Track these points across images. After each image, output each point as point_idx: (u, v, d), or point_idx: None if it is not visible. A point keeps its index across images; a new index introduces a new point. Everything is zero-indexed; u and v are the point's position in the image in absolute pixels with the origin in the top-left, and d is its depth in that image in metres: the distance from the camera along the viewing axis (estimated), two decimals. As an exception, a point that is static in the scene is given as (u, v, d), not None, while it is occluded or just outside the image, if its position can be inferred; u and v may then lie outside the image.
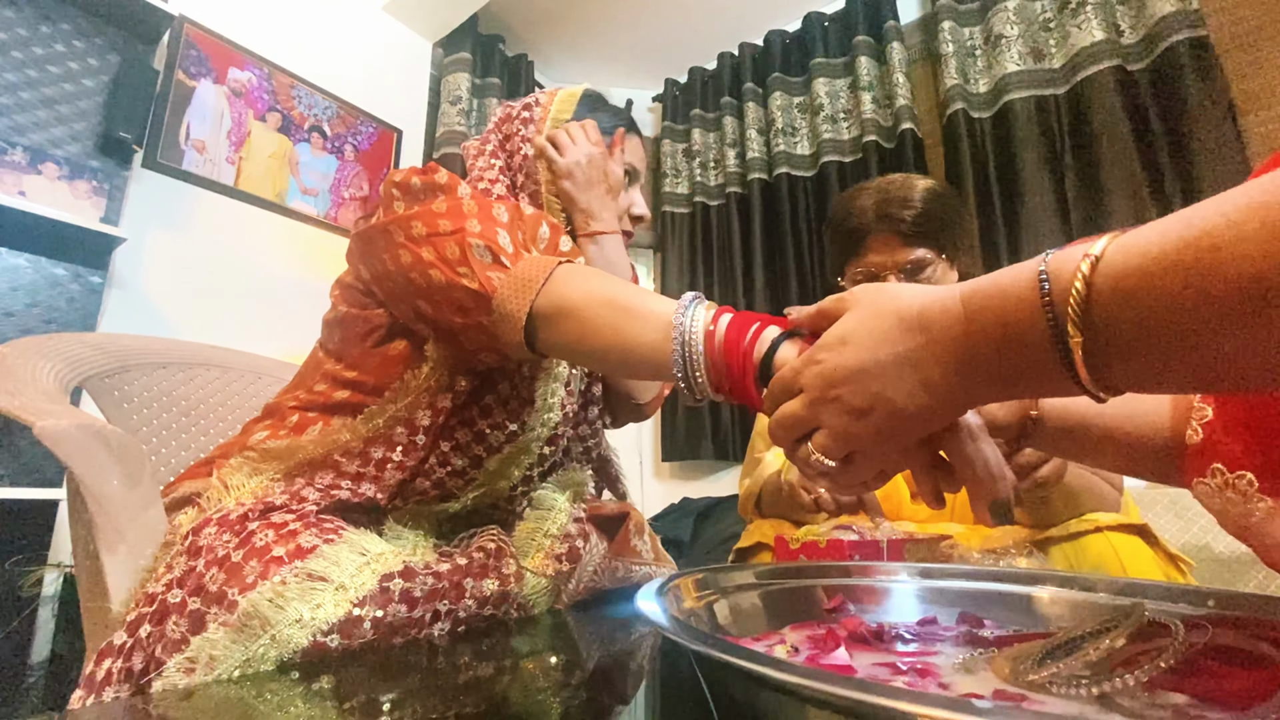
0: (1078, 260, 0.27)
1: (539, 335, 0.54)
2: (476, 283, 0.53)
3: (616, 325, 0.49)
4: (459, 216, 0.57)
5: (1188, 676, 0.30)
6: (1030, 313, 0.29)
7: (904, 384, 0.34)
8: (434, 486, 0.64)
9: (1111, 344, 0.27)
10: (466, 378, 0.62)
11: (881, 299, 0.36)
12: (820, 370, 0.36)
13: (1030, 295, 0.29)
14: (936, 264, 0.95)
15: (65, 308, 1.59)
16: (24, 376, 0.63)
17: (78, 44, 1.68)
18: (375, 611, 0.48)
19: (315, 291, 2.04)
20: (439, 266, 0.55)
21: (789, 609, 0.48)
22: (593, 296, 0.51)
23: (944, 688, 0.33)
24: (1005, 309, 0.30)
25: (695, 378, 0.45)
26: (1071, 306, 0.27)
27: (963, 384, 0.32)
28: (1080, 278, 0.27)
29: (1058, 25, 2.00)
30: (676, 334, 0.46)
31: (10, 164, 1.52)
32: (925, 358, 0.33)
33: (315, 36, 2.26)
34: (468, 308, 0.54)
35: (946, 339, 0.32)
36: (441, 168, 0.63)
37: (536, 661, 0.49)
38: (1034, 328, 0.29)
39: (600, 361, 0.58)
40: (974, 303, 0.31)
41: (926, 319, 0.33)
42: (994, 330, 0.30)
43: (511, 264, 0.54)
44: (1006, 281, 0.30)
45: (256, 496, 0.56)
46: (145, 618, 0.48)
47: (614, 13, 2.72)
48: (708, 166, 2.81)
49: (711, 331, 0.45)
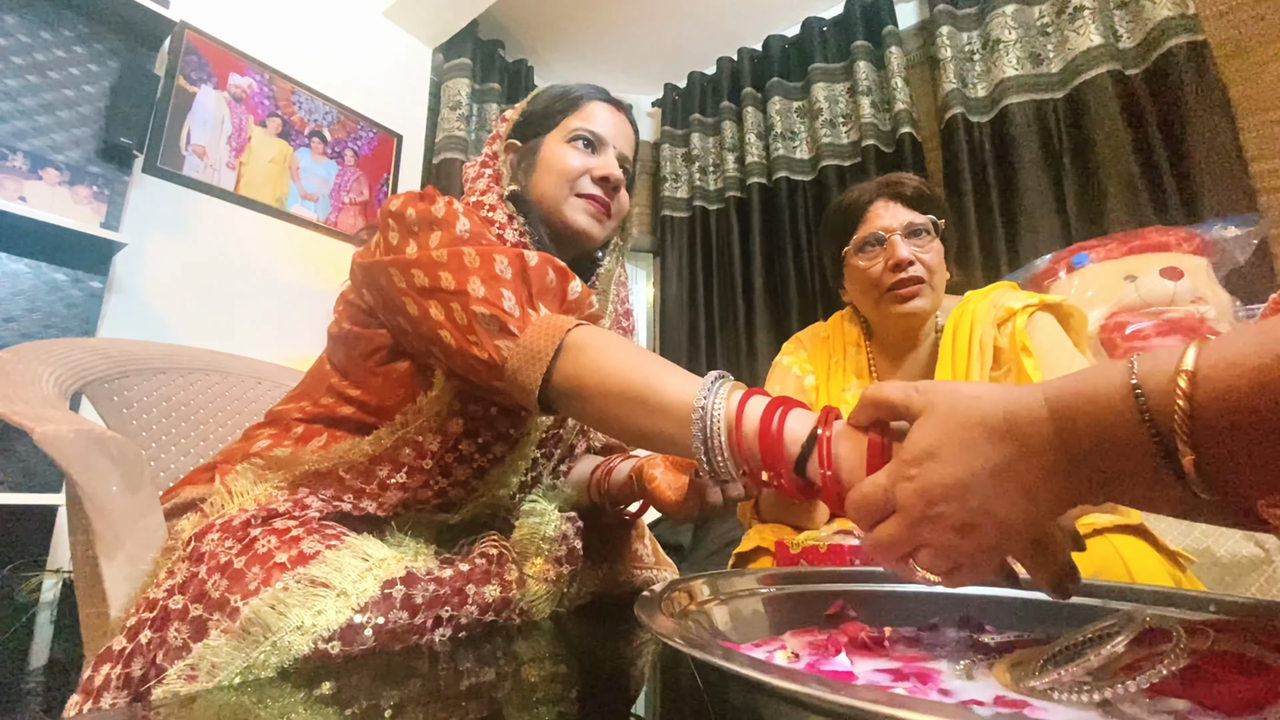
0: (1170, 374, 0.27)
1: (557, 406, 0.54)
2: (486, 353, 0.53)
3: (634, 419, 0.48)
4: (461, 271, 0.55)
5: (1189, 682, 0.30)
6: (1129, 426, 0.29)
7: (1005, 495, 0.33)
8: (436, 496, 0.64)
9: (1220, 457, 0.27)
10: (477, 403, 0.62)
11: (960, 405, 0.35)
12: (916, 488, 0.35)
13: (1125, 407, 0.29)
14: (934, 233, 0.99)
15: (65, 313, 1.59)
16: (24, 382, 0.63)
17: (79, 50, 1.69)
18: (377, 618, 0.48)
19: (315, 296, 2.06)
20: (448, 329, 0.54)
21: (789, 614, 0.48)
22: (606, 383, 0.50)
23: (945, 694, 0.33)
24: (1099, 417, 0.30)
25: (719, 464, 0.44)
26: (1178, 425, 0.27)
27: (1066, 485, 0.32)
28: (1182, 395, 0.27)
29: (1055, 30, 2.01)
30: (696, 425, 0.44)
31: (11, 169, 1.52)
32: (1021, 467, 0.32)
33: (316, 42, 2.26)
34: (481, 374, 0.54)
35: (1040, 445, 0.32)
36: (439, 196, 0.63)
37: (538, 668, 0.49)
38: (1136, 441, 0.29)
39: (624, 441, 0.57)
40: (1061, 407, 0.31)
41: (1014, 425, 0.32)
42: (1087, 437, 0.30)
43: (520, 330, 0.53)
44: (1094, 388, 0.30)
45: (259, 503, 0.56)
46: (146, 623, 0.47)
47: (613, 18, 2.73)
48: (707, 171, 2.82)
49: (738, 421, 0.43)
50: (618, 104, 0.79)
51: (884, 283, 0.97)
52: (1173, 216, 1.70)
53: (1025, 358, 0.90)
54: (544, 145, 0.74)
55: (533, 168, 0.74)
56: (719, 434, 0.43)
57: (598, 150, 0.75)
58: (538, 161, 0.74)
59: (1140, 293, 1.42)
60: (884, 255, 0.97)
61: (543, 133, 0.75)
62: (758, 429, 0.43)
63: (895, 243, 0.96)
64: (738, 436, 0.43)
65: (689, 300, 2.73)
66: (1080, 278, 1.52)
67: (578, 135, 0.74)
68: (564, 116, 0.75)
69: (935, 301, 0.99)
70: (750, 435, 0.43)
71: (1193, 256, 1.45)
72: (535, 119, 0.76)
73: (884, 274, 0.97)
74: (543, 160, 0.73)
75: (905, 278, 0.96)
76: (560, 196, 0.72)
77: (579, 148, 0.74)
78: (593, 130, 0.74)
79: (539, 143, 0.75)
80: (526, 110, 0.77)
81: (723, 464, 0.44)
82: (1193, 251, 1.46)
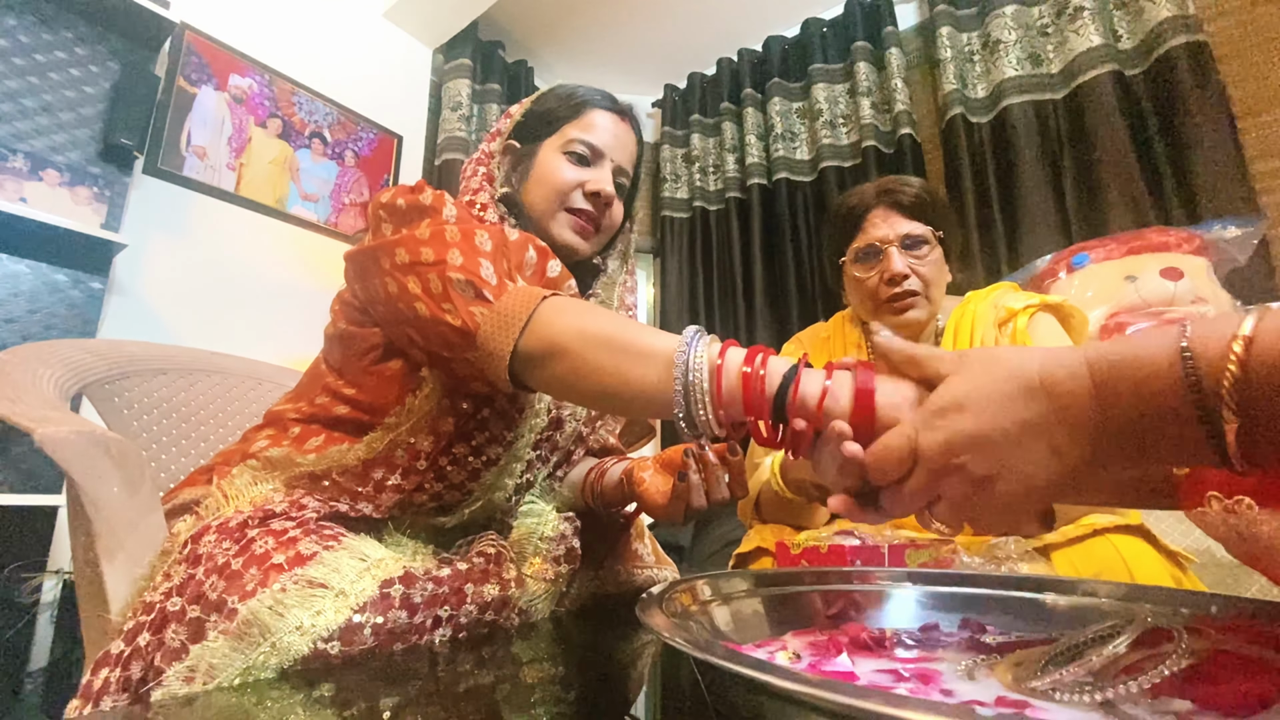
0: (1225, 340, 0.27)
1: (527, 374, 0.52)
2: (460, 319, 0.52)
3: (616, 365, 0.47)
4: (441, 245, 0.55)
5: (1191, 683, 0.30)
6: (1173, 389, 0.28)
7: (1031, 452, 0.32)
8: (431, 499, 0.64)
9: (1264, 426, 0.26)
10: (467, 401, 0.61)
11: (995, 362, 0.34)
12: (940, 439, 0.34)
13: (1171, 371, 0.28)
14: (933, 243, 0.97)
15: (66, 314, 1.59)
16: (24, 383, 0.63)
17: (79, 51, 1.69)
18: (375, 618, 0.48)
19: (315, 297, 2.05)
20: (423, 299, 0.54)
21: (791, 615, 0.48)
22: (586, 334, 0.49)
23: (946, 694, 0.33)
24: (1141, 381, 0.29)
25: (698, 415, 0.43)
26: (1226, 390, 0.26)
27: (1094, 450, 0.31)
28: (1234, 360, 0.26)
29: (1055, 30, 2.01)
30: (679, 370, 0.44)
31: (11, 170, 1.52)
32: (1052, 424, 0.32)
33: (316, 43, 2.26)
34: (453, 343, 0.54)
35: (1075, 406, 0.31)
36: (429, 186, 0.63)
37: (537, 668, 0.49)
38: (1178, 405, 0.28)
39: (594, 402, 0.55)
40: (1103, 369, 0.30)
41: (1050, 384, 0.32)
42: (1129, 401, 0.29)
43: (495, 297, 0.53)
44: (1141, 351, 0.29)
45: (256, 504, 0.56)
46: (144, 626, 0.47)
47: (614, 19, 2.73)
48: (707, 172, 2.82)
49: (719, 366, 0.43)
50: (621, 111, 0.77)
51: (880, 295, 0.97)
52: (1173, 217, 1.70)
53: (1026, 358, 0.90)
54: (540, 152, 0.73)
55: (526, 174, 0.73)
56: (701, 380, 0.43)
57: (594, 163, 0.73)
58: (531, 168, 0.73)
59: (1140, 293, 1.42)
60: (880, 267, 0.97)
61: (541, 138, 0.74)
62: (740, 366, 0.43)
63: (891, 255, 0.96)
64: (719, 381, 0.43)
65: (689, 301, 2.73)
66: (1080, 278, 1.52)
67: (574, 146, 0.72)
68: (564, 123, 0.74)
69: (932, 310, 0.99)
70: (732, 375, 0.43)
71: (1193, 257, 1.45)
72: (536, 122, 0.75)
73: (879, 286, 0.97)
74: (537, 169, 0.73)
75: (900, 291, 0.95)
76: (549, 210, 0.71)
77: (573, 160, 0.72)
78: (590, 142, 0.73)
79: (536, 148, 0.74)
80: (529, 110, 0.76)
81: (702, 414, 0.43)
82: (1193, 252, 1.46)
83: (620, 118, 0.76)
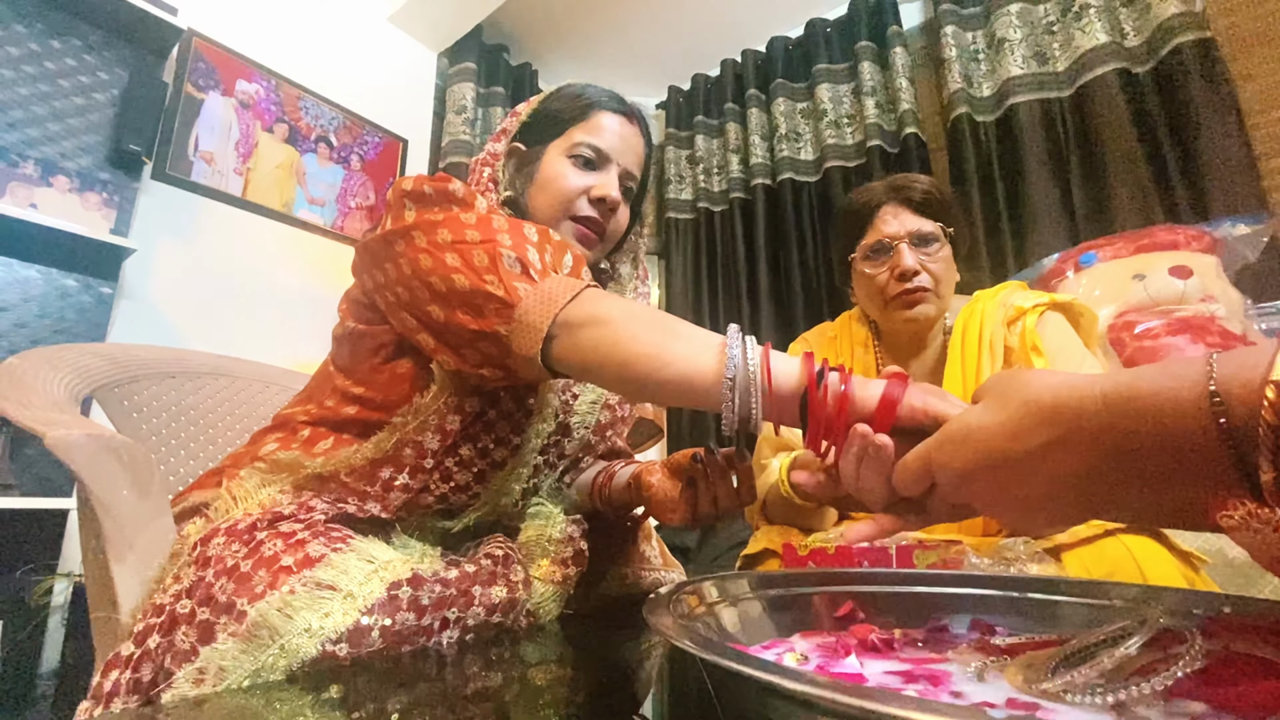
0: (1256, 384, 0.25)
1: (559, 345, 0.52)
2: (502, 289, 0.53)
3: (657, 341, 0.49)
4: (489, 229, 0.56)
5: (1205, 685, 0.29)
6: (1202, 431, 0.27)
7: (1038, 481, 0.33)
8: (438, 501, 0.64)
9: None
10: (474, 399, 0.61)
11: (1009, 388, 0.35)
12: (952, 469, 0.36)
13: (1198, 412, 0.27)
14: (943, 240, 0.97)
15: (76, 318, 1.60)
16: (35, 387, 0.64)
17: (88, 58, 1.71)
18: (383, 620, 0.48)
19: (322, 300, 2.07)
20: (464, 272, 0.54)
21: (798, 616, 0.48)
22: (633, 311, 0.51)
23: (957, 696, 0.33)
24: (1164, 418, 0.28)
25: (753, 409, 0.45)
26: (1263, 441, 0.25)
27: (1105, 484, 0.31)
28: (1270, 408, 0.25)
29: (1061, 28, 2.00)
30: (732, 361, 0.45)
31: (22, 177, 1.54)
32: (1060, 455, 0.32)
33: (322, 48, 2.28)
34: (486, 313, 0.53)
35: (1086, 438, 0.31)
36: (456, 179, 0.62)
37: (545, 671, 0.49)
38: (1206, 447, 0.27)
39: (624, 380, 0.51)
40: (1120, 402, 0.30)
41: (1060, 412, 0.32)
42: (1150, 437, 0.29)
43: (539, 279, 0.54)
44: (1162, 389, 0.29)
45: (264, 507, 0.57)
46: (153, 629, 0.48)
47: (617, 21, 2.74)
48: (711, 173, 2.82)
49: (766, 357, 0.45)
50: (629, 113, 0.75)
51: (889, 291, 0.97)
52: (1181, 215, 1.68)
53: (1036, 357, 0.89)
54: (545, 156, 0.72)
55: (531, 178, 0.72)
56: (756, 376, 0.44)
57: (600, 167, 0.72)
58: (536, 173, 0.72)
59: (1149, 291, 1.41)
60: (890, 264, 0.97)
61: (546, 140, 0.73)
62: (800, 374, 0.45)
63: (902, 251, 0.95)
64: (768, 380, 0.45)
65: (694, 302, 2.73)
66: (1088, 277, 1.51)
67: (580, 150, 0.71)
68: (570, 125, 0.72)
69: (941, 307, 0.99)
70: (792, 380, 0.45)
71: (1202, 255, 1.44)
72: (542, 123, 0.74)
73: (890, 282, 0.97)
74: (541, 173, 0.71)
75: (910, 287, 0.95)
76: (553, 217, 0.70)
77: (579, 165, 0.71)
78: (597, 146, 0.71)
79: (541, 151, 0.72)
80: (536, 111, 0.75)
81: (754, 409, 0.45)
82: (1202, 250, 1.45)
83: (628, 119, 0.75)
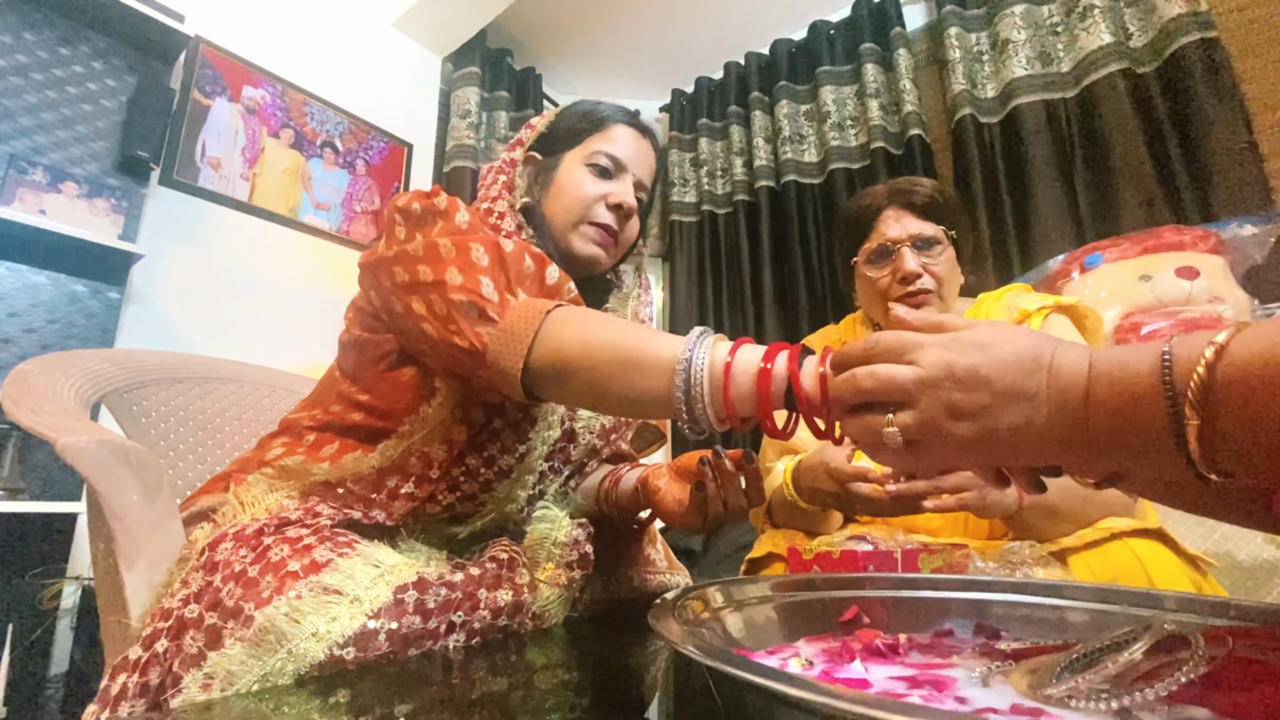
0: (1202, 346, 0.29)
1: (540, 388, 0.54)
2: (467, 341, 0.53)
3: (622, 378, 0.50)
4: (438, 263, 0.56)
5: (1210, 690, 0.29)
6: (1150, 389, 0.30)
7: (1011, 413, 0.34)
8: (444, 510, 0.65)
9: (1227, 431, 0.28)
10: (479, 409, 0.62)
11: (1018, 331, 0.37)
12: (946, 358, 0.36)
13: (1152, 372, 0.30)
14: (946, 243, 0.97)
15: (84, 323, 1.61)
16: (46, 393, 0.64)
17: (96, 65, 1.72)
18: (390, 624, 0.49)
19: (328, 305, 2.08)
20: (430, 321, 0.55)
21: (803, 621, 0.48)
22: (591, 348, 0.51)
23: (961, 701, 0.33)
24: (1125, 380, 0.31)
25: (697, 408, 0.47)
26: (1191, 390, 0.28)
27: (1062, 437, 0.34)
28: (1203, 363, 0.28)
29: (1065, 29, 1.99)
30: (681, 371, 0.47)
31: (31, 183, 1.55)
32: (1041, 398, 0.34)
33: (327, 53, 2.29)
34: (464, 364, 0.55)
35: (1067, 391, 0.33)
36: (443, 191, 0.63)
37: (550, 674, 0.49)
38: (1152, 404, 0.30)
39: (608, 410, 0.58)
40: (1099, 367, 0.33)
41: (1056, 365, 0.34)
42: (1111, 398, 0.32)
43: (499, 316, 0.54)
44: (1132, 356, 0.32)
45: (271, 512, 0.57)
46: (161, 633, 0.48)
47: (620, 25, 2.75)
48: (715, 175, 2.82)
49: (728, 364, 0.46)
50: (644, 129, 0.78)
51: (892, 294, 0.97)
52: (1187, 215, 1.67)
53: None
54: (563, 164, 0.74)
55: (548, 185, 0.73)
56: (703, 383, 0.46)
57: (615, 175, 0.74)
58: (554, 180, 0.73)
59: (1155, 293, 1.40)
60: (892, 267, 0.97)
61: (563, 150, 0.74)
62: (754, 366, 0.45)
63: (904, 255, 0.95)
64: (726, 381, 0.46)
65: (698, 305, 2.73)
66: (1094, 278, 1.50)
67: (597, 158, 0.73)
68: (587, 135, 0.74)
69: (944, 310, 0.99)
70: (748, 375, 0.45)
71: (1208, 255, 1.43)
72: (559, 134, 0.75)
73: (892, 285, 0.97)
74: (559, 180, 0.73)
75: (913, 290, 0.95)
76: (570, 222, 0.72)
77: (596, 173, 0.73)
78: (613, 154, 0.73)
79: (558, 160, 0.74)
80: (552, 123, 0.77)
81: (702, 411, 0.47)
82: (1208, 250, 1.44)
83: (642, 134, 0.77)
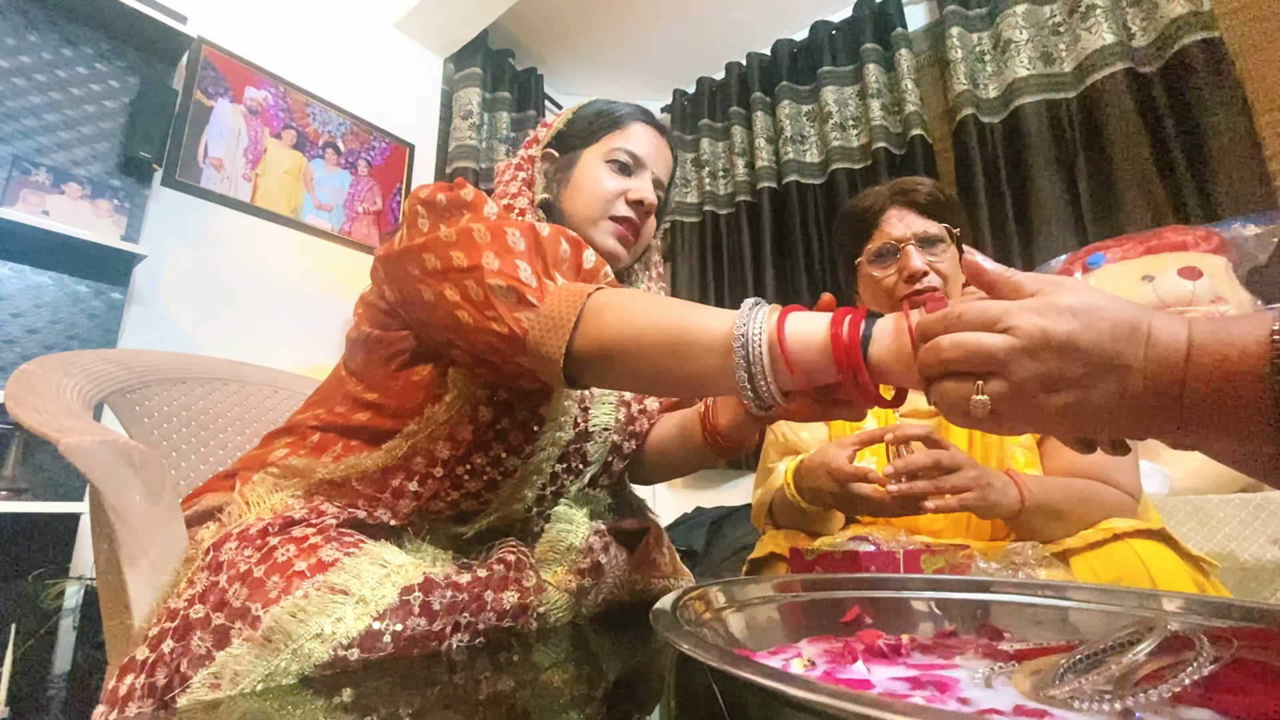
0: None
1: (583, 374, 0.52)
2: (506, 327, 0.52)
3: (673, 360, 0.47)
4: (473, 248, 0.54)
5: (1213, 692, 0.29)
6: (1255, 366, 0.29)
7: (1106, 383, 0.33)
8: (449, 508, 0.64)
9: None
10: (488, 408, 0.61)
11: (1109, 297, 0.35)
12: (1042, 325, 0.34)
13: (1260, 350, 0.29)
14: (949, 241, 0.97)
15: (87, 324, 1.62)
16: (49, 393, 0.64)
17: (99, 66, 1.72)
18: (395, 625, 0.49)
19: (329, 305, 2.08)
20: (465, 308, 0.53)
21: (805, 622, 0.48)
22: (638, 330, 0.49)
23: (964, 703, 0.33)
24: (1230, 357, 0.30)
25: (760, 384, 0.44)
26: None
27: (1155, 408, 0.32)
28: None
29: (1067, 29, 1.99)
30: (739, 347, 0.44)
31: (34, 184, 1.55)
32: (1136, 369, 0.33)
33: (328, 54, 2.30)
34: (502, 350, 0.53)
35: (1164, 363, 0.32)
36: (468, 183, 0.63)
37: (555, 675, 0.49)
38: (1257, 381, 0.29)
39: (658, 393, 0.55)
40: (1199, 340, 0.31)
41: (1155, 335, 0.33)
42: (1214, 372, 0.30)
43: (539, 300, 0.52)
44: (1236, 330, 0.30)
45: (276, 512, 0.57)
46: (168, 633, 0.48)
47: (622, 26, 2.75)
48: (717, 176, 2.82)
49: (780, 332, 0.43)
50: (661, 128, 0.78)
51: (897, 293, 0.97)
52: (1190, 215, 1.67)
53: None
54: (581, 160, 0.73)
55: (566, 181, 0.73)
56: (762, 356, 0.43)
57: (635, 172, 0.74)
58: (572, 176, 0.73)
59: (1158, 293, 1.40)
60: (897, 266, 0.97)
61: (581, 147, 0.74)
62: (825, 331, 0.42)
63: (909, 253, 0.95)
64: (782, 349, 0.43)
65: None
66: (1096, 279, 1.50)
67: (617, 155, 0.73)
68: (606, 132, 0.74)
69: None
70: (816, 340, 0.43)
71: (1211, 256, 1.43)
72: (576, 132, 0.75)
73: (897, 284, 0.97)
74: (578, 176, 0.73)
75: (919, 288, 0.95)
76: (590, 217, 0.71)
77: (615, 169, 0.73)
78: (633, 151, 0.73)
79: (576, 156, 0.74)
80: (570, 120, 0.76)
81: (764, 387, 0.44)
82: (1211, 251, 1.44)
83: (659, 133, 0.78)
